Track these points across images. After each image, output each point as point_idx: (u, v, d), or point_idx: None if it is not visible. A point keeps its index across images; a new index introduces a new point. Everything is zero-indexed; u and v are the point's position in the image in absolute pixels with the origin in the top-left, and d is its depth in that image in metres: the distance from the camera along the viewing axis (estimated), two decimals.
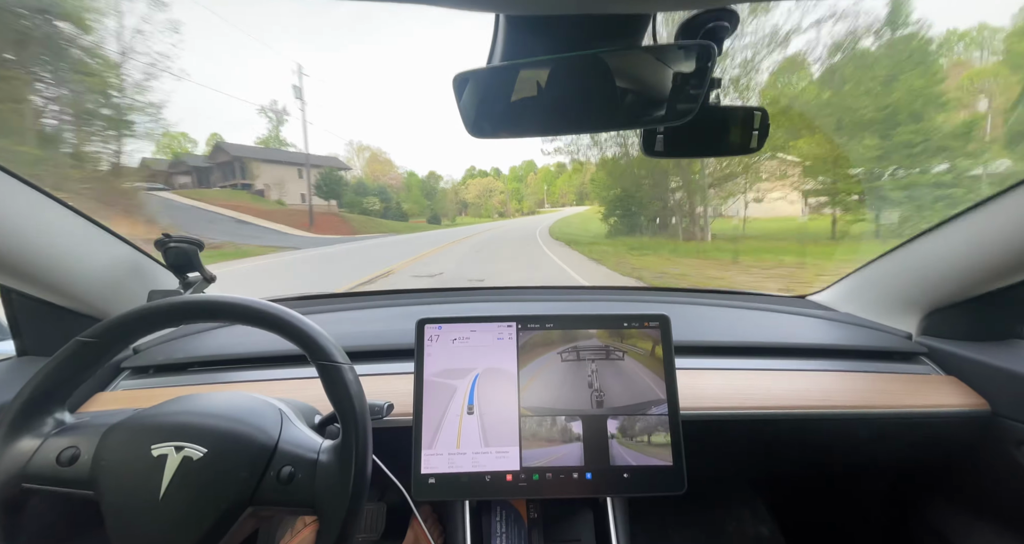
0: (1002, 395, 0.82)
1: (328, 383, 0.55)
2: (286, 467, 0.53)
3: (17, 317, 0.87)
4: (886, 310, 1.07)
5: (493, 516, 0.77)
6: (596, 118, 0.58)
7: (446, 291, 1.39)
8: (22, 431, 0.52)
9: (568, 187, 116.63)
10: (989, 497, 0.88)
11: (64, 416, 0.56)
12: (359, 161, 48.14)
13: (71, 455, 0.51)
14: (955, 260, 0.88)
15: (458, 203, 64.95)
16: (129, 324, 0.56)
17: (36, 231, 0.75)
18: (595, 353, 0.74)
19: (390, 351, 0.95)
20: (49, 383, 0.53)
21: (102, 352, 0.56)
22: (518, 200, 72.05)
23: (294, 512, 0.53)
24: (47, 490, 0.51)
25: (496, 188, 68.30)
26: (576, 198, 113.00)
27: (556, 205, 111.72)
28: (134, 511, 0.49)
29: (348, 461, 0.52)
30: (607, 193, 16.14)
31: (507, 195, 77.02)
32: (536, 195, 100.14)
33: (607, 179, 16.72)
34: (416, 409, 0.71)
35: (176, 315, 0.57)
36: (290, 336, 0.56)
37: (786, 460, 0.94)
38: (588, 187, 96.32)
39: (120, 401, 0.85)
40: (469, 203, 68.10)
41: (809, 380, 0.89)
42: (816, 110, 10.63)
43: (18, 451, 0.51)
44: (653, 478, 0.69)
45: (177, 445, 0.51)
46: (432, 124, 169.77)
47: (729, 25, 0.53)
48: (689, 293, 1.38)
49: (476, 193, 73.12)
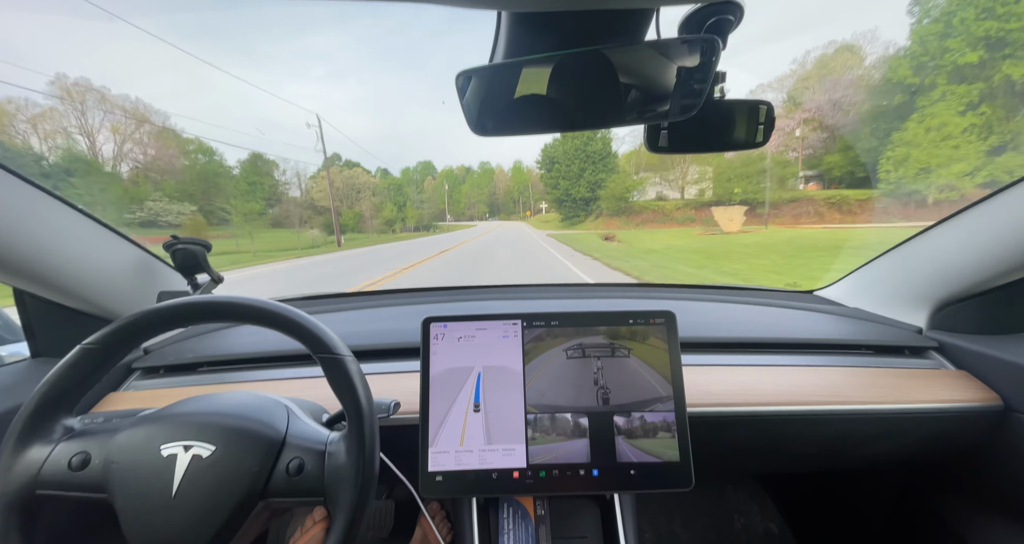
0: (1015, 389, 0.81)
1: (331, 375, 0.56)
2: (295, 460, 0.54)
3: (31, 319, 0.88)
4: (895, 305, 1.06)
5: (500, 513, 0.78)
6: (600, 114, 0.58)
7: (451, 290, 1.39)
8: (32, 439, 0.53)
9: (478, 194, 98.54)
10: (1001, 492, 0.87)
11: (72, 422, 0.56)
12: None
13: (82, 460, 0.52)
14: (966, 253, 0.86)
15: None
16: (131, 328, 0.56)
17: (48, 235, 0.76)
18: (600, 350, 0.74)
19: (396, 350, 0.95)
20: (55, 390, 0.54)
21: (107, 357, 0.56)
22: (398, 207, 46.13)
23: (305, 503, 0.54)
24: (61, 495, 0.52)
25: (366, 183, 42.84)
26: (487, 209, 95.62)
27: (461, 218, 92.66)
28: (148, 511, 0.50)
29: (356, 450, 0.53)
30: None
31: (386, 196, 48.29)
32: (435, 203, 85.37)
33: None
34: (423, 407, 0.71)
35: (177, 317, 0.57)
36: (291, 332, 0.57)
37: (794, 456, 0.93)
38: (510, 194, 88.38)
39: (131, 401, 0.86)
40: (314, 204, 39.13)
41: (817, 376, 0.88)
42: None
43: (30, 459, 0.52)
44: (660, 474, 0.69)
45: (186, 444, 0.52)
46: None
47: (733, 19, 0.52)
48: (695, 289, 1.37)
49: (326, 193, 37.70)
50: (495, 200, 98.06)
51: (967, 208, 0.86)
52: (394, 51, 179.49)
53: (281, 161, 46.28)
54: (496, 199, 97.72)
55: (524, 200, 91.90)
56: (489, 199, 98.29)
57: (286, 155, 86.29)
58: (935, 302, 0.97)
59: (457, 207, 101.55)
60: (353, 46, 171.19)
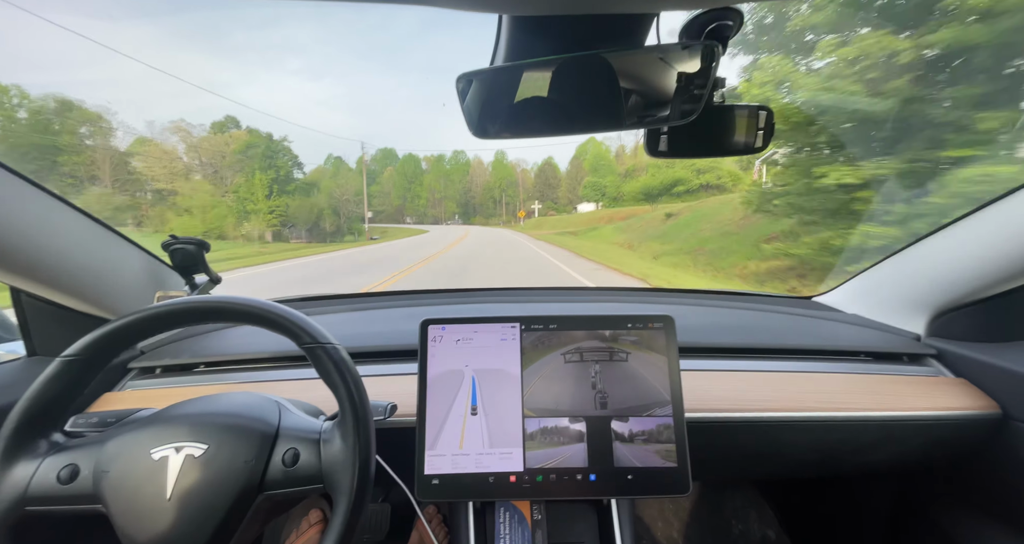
0: (1014, 397, 0.81)
1: (318, 363, 0.55)
2: (290, 450, 0.54)
3: (27, 318, 0.88)
4: (894, 311, 1.06)
5: (497, 517, 0.77)
6: (600, 118, 0.58)
7: (450, 292, 1.39)
8: (17, 455, 0.51)
9: (446, 188, 74.32)
10: (999, 500, 0.87)
11: (57, 437, 0.55)
12: None
13: (71, 472, 0.51)
14: (965, 261, 0.86)
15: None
16: (109, 338, 0.55)
17: (45, 234, 0.76)
18: (599, 354, 0.73)
19: (394, 352, 0.95)
20: (37, 406, 0.52)
21: (88, 368, 0.55)
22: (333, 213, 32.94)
23: (305, 493, 0.54)
24: (53, 510, 0.50)
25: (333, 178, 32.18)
26: (459, 209, 73.29)
27: (423, 220, 70.88)
28: (145, 515, 0.49)
29: (351, 433, 0.53)
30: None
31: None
32: (392, 197, 71.27)
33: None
34: (420, 410, 0.71)
35: (157, 323, 0.56)
36: (273, 326, 0.56)
37: (792, 462, 0.93)
38: (489, 192, 65.37)
39: (127, 401, 0.86)
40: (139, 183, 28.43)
41: (815, 382, 0.88)
42: None
43: (16, 476, 0.50)
44: (657, 480, 0.69)
45: (177, 445, 0.52)
46: None
47: (733, 25, 0.52)
48: (694, 294, 1.37)
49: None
50: (470, 198, 75.69)
51: (966, 215, 0.86)
52: (377, 48, 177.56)
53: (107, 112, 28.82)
54: (471, 197, 75.74)
55: (508, 200, 72.38)
56: (463, 196, 75.72)
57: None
58: (934, 309, 0.97)
59: (416, 204, 75.94)
60: (334, 40, 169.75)
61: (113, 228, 0.90)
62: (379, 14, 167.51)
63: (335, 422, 0.56)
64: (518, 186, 73.06)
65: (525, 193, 70.93)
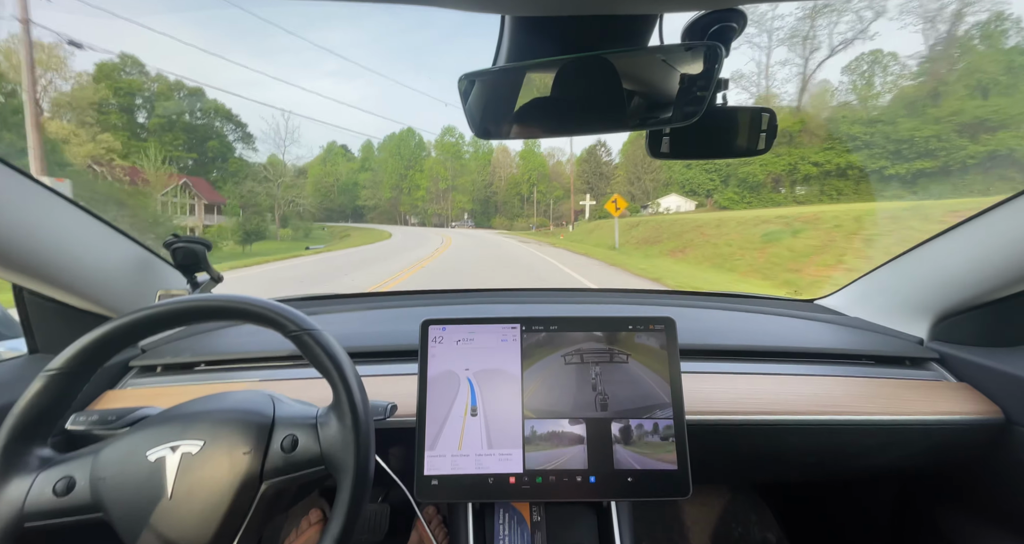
0: (1017, 402, 0.80)
1: (306, 350, 0.55)
2: (288, 437, 0.54)
3: (29, 315, 0.88)
4: (896, 315, 1.05)
5: (496, 518, 0.77)
6: (602, 119, 0.58)
7: (451, 293, 1.39)
8: (9, 474, 0.51)
9: (458, 178, 55.13)
10: (1001, 505, 0.87)
11: (46, 452, 0.54)
12: None
13: (67, 484, 0.51)
14: (968, 264, 0.86)
15: None
16: (91, 349, 0.54)
17: (47, 231, 0.76)
18: (599, 356, 0.73)
19: (394, 352, 0.95)
20: (24, 422, 0.51)
21: (74, 380, 0.54)
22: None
23: (308, 477, 0.54)
24: (52, 524, 0.50)
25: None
26: (475, 206, 55.59)
27: (427, 222, 53.19)
28: (147, 516, 0.49)
29: (346, 412, 0.53)
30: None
31: None
32: (383, 187, 52.84)
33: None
34: (420, 410, 0.71)
35: (140, 330, 0.55)
36: (256, 319, 0.56)
37: (793, 466, 0.93)
38: (516, 188, 45.18)
39: (129, 399, 0.86)
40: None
41: (817, 385, 0.88)
42: None
43: (11, 494, 0.50)
44: (657, 482, 0.68)
45: (172, 445, 0.52)
46: None
47: (736, 26, 0.52)
48: (695, 296, 1.36)
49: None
50: (490, 194, 57.38)
51: (969, 219, 0.86)
52: (410, 49, 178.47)
53: None
54: (493, 192, 57.23)
55: (540, 197, 53.13)
56: (482, 191, 57.06)
57: None
58: (936, 313, 0.96)
59: (414, 196, 57.13)
60: (367, 43, 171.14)
61: (115, 226, 0.90)
62: (415, 17, 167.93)
63: (330, 406, 0.56)
64: (551, 180, 54.82)
65: (563, 189, 51.81)
